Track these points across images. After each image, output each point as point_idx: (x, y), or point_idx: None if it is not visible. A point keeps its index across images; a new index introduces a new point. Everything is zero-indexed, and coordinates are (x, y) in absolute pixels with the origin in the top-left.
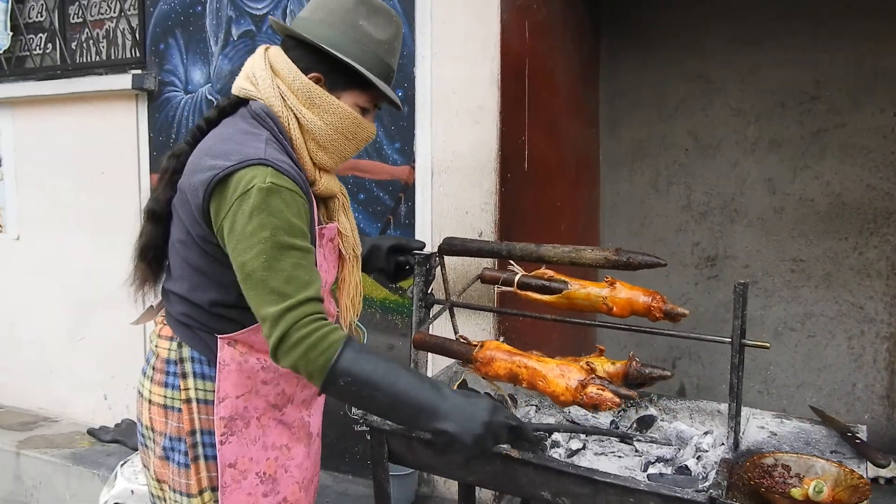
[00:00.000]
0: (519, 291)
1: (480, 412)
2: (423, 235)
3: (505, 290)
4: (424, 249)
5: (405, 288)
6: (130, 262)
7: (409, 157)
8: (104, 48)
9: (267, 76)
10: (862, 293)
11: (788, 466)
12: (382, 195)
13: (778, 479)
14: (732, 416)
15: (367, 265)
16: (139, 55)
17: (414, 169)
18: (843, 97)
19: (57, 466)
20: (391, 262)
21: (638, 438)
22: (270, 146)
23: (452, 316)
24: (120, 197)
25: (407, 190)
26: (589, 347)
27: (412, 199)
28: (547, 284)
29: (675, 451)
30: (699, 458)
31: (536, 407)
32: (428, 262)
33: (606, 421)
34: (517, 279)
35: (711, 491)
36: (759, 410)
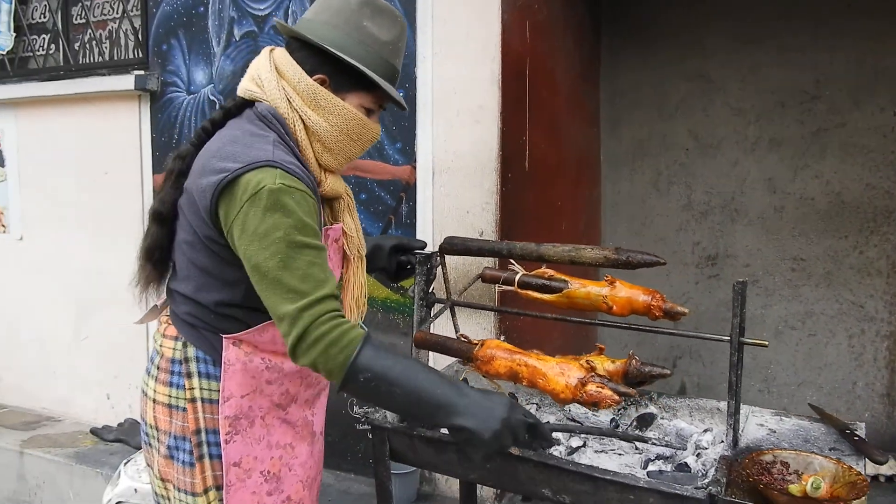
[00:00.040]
0: (519, 290)
1: (499, 409)
2: (424, 235)
3: (505, 289)
4: (425, 249)
5: (406, 287)
6: (135, 262)
7: (410, 156)
8: (107, 49)
9: (272, 78)
10: (862, 292)
11: (787, 463)
12: (384, 195)
13: (776, 475)
14: (731, 413)
15: (368, 264)
16: (142, 56)
17: (415, 169)
18: (843, 97)
19: (60, 465)
20: (393, 261)
21: (653, 441)
22: (278, 148)
23: (453, 315)
24: (122, 197)
25: (408, 190)
26: (590, 346)
27: (413, 198)
28: (547, 283)
29: (661, 440)
30: (699, 455)
31: (537, 405)
32: (429, 261)
33: (607, 419)
34: (518, 278)
35: (710, 488)
36: (758, 408)
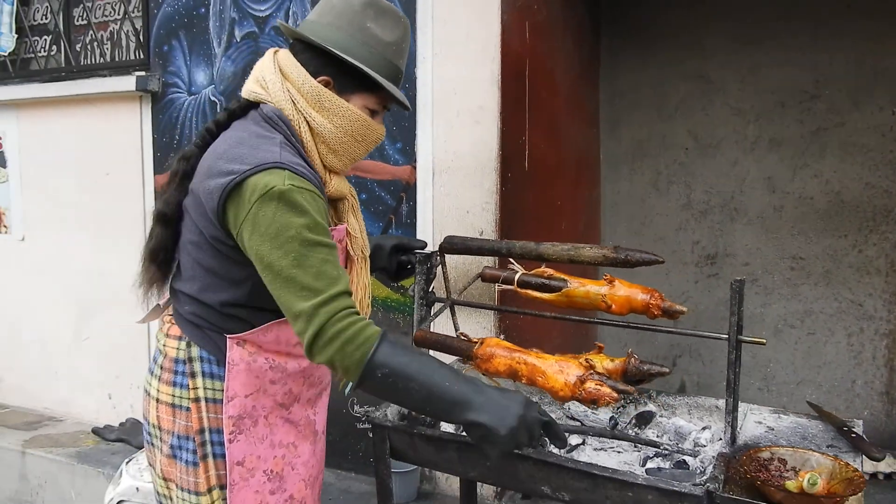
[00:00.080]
0: (519, 290)
1: (515, 406)
2: (424, 235)
3: (505, 288)
4: (426, 249)
5: (406, 286)
6: (139, 263)
7: (410, 157)
8: (108, 50)
9: (277, 80)
10: (861, 290)
11: (784, 460)
12: (384, 195)
13: (774, 472)
14: (729, 411)
15: (369, 264)
16: (143, 57)
17: (415, 169)
18: (842, 96)
19: (62, 465)
20: (393, 261)
21: (665, 447)
22: (285, 149)
23: (453, 314)
24: (124, 198)
25: (408, 190)
26: (589, 345)
27: (413, 198)
28: (547, 283)
29: (673, 445)
30: (697, 452)
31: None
32: (429, 260)
33: (606, 417)
34: (517, 277)
35: (708, 485)
36: (756, 406)
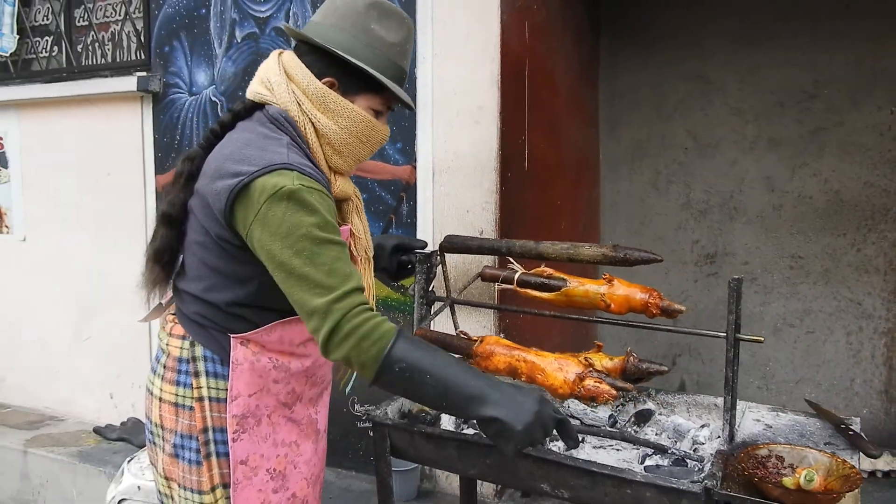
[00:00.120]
0: (518, 289)
1: (531, 402)
2: (424, 234)
3: (505, 287)
4: (426, 248)
5: (407, 286)
6: (143, 264)
7: (410, 157)
8: (109, 51)
9: (282, 81)
10: (860, 289)
11: (782, 457)
12: (384, 195)
13: (771, 469)
14: (728, 408)
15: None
16: (144, 58)
17: (415, 169)
18: (841, 96)
19: (64, 464)
20: (394, 261)
21: (672, 451)
22: (292, 150)
23: (453, 313)
24: (125, 198)
25: (408, 189)
26: (589, 344)
27: (414, 198)
28: (546, 282)
29: (671, 442)
30: (695, 450)
31: None
32: (429, 259)
33: (605, 415)
34: (517, 277)
35: (706, 481)
36: (755, 404)
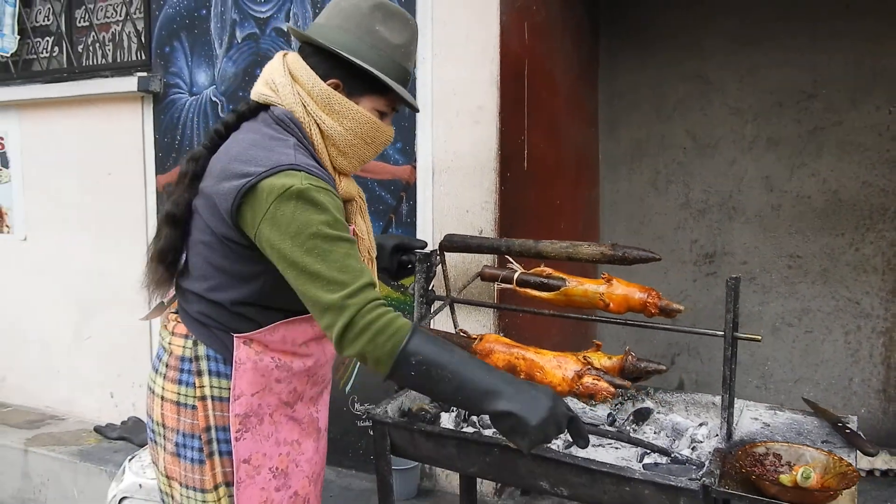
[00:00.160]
0: (518, 288)
1: (545, 397)
2: (424, 234)
3: (504, 287)
4: (426, 248)
5: (407, 285)
6: (146, 264)
7: (410, 156)
8: (110, 51)
9: (287, 82)
10: (858, 288)
11: (779, 455)
12: (384, 194)
13: (769, 467)
14: (725, 407)
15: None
16: (144, 58)
17: (415, 168)
18: (840, 96)
19: (64, 463)
20: (394, 261)
21: (675, 456)
22: (299, 151)
23: (453, 312)
24: (125, 199)
25: (408, 189)
26: (588, 344)
27: (413, 198)
28: (545, 281)
29: (669, 441)
30: (694, 448)
31: None
32: (429, 259)
33: (604, 413)
34: (516, 276)
35: (704, 479)
36: (752, 402)
